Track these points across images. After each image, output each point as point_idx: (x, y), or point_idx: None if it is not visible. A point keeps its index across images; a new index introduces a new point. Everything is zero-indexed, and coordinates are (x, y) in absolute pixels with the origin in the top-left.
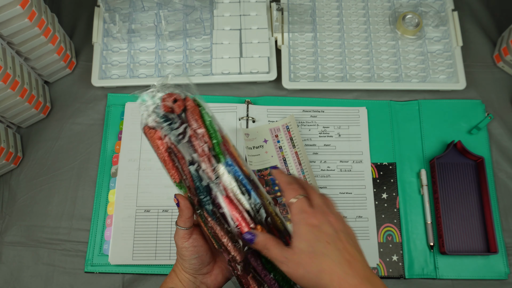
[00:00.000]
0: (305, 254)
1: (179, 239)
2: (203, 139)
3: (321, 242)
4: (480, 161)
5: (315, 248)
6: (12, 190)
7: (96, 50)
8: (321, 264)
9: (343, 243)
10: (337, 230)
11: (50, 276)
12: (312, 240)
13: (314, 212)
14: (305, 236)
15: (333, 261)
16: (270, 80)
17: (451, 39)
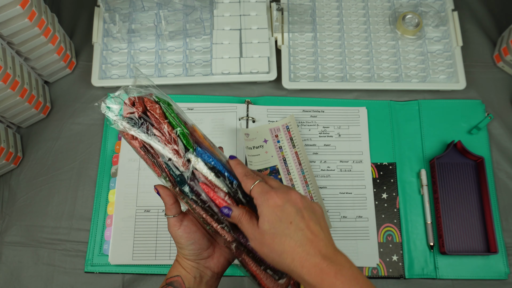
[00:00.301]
0: (268, 235)
1: (171, 228)
2: (168, 133)
3: (283, 222)
4: (480, 161)
5: (277, 229)
6: (12, 190)
7: (96, 50)
8: (283, 245)
9: (306, 221)
10: (300, 208)
11: (50, 276)
12: (274, 221)
13: (275, 192)
14: (268, 217)
15: (295, 241)
16: (270, 80)
17: (451, 39)
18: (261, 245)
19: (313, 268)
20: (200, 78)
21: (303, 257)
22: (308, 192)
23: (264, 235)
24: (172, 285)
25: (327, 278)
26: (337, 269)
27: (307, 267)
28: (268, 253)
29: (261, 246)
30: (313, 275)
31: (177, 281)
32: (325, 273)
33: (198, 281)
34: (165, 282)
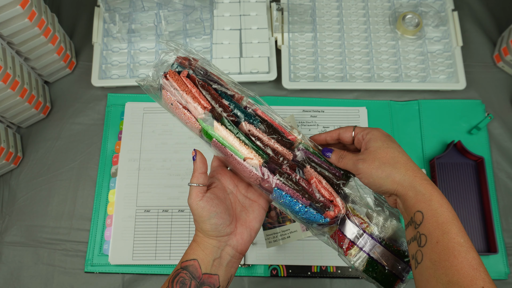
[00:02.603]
0: (381, 150)
1: (193, 199)
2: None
3: (393, 142)
4: (480, 161)
5: (390, 145)
6: (12, 190)
7: (96, 50)
8: (397, 157)
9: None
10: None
11: (50, 276)
12: (386, 139)
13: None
14: (380, 137)
15: (406, 157)
16: (270, 80)
17: (451, 39)
18: (373, 160)
19: (424, 181)
20: None
21: (415, 170)
22: None
23: (377, 150)
24: (187, 270)
25: (437, 193)
26: (440, 193)
27: (419, 178)
28: (380, 164)
29: (373, 160)
30: (424, 185)
31: (193, 265)
32: (435, 188)
33: (217, 264)
34: (179, 265)
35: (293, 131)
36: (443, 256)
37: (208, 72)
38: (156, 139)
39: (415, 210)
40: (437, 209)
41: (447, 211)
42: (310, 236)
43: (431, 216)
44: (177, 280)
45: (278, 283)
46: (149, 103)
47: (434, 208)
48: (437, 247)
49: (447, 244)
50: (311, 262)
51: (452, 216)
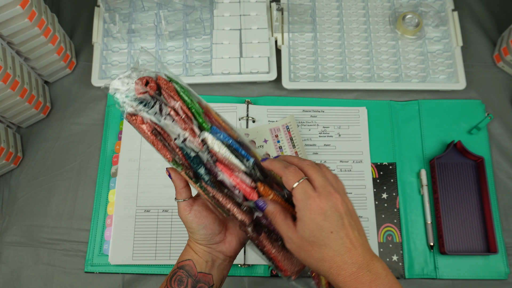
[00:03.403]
0: (307, 242)
1: (182, 213)
2: (183, 112)
3: (324, 232)
4: (480, 161)
5: (317, 238)
6: (12, 190)
7: (96, 50)
8: (322, 253)
9: (346, 229)
10: (341, 215)
11: (50, 276)
12: (315, 230)
13: (318, 196)
14: (309, 225)
15: (334, 250)
16: (270, 80)
17: (451, 39)
18: (298, 249)
19: (348, 277)
20: (200, 78)
21: (340, 266)
22: None
23: (303, 241)
24: (183, 269)
25: (361, 285)
26: (372, 278)
27: (343, 276)
28: (305, 258)
29: (299, 250)
30: (348, 283)
31: (189, 264)
32: (360, 282)
33: (210, 265)
34: (176, 266)
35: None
36: None
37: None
38: None
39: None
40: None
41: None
42: None
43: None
44: (175, 279)
45: (278, 283)
46: None
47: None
48: None
49: None
50: None
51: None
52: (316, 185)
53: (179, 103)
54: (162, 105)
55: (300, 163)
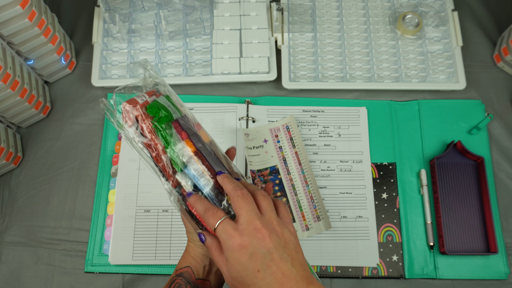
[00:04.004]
0: (237, 282)
1: (193, 241)
2: (158, 150)
3: (250, 271)
4: (480, 161)
5: (244, 279)
6: (12, 190)
7: (96, 50)
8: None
9: (276, 263)
10: (269, 250)
11: (50, 276)
12: (241, 270)
13: (240, 234)
14: (234, 266)
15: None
16: (270, 80)
17: (451, 39)
18: (231, 284)
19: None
20: (200, 78)
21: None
22: (308, 192)
23: (233, 280)
24: (182, 276)
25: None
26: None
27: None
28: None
29: (232, 285)
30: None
31: (187, 271)
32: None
33: (207, 270)
34: (174, 273)
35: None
36: None
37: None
38: None
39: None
40: None
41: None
42: (310, 236)
43: None
44: (174, 286)
45: None
46: None
47: None
48: None
49: None
50: (311, 262)
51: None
52: (240, 222)
53: (156, 141)
54: (139, 139)
55: (233, 191)
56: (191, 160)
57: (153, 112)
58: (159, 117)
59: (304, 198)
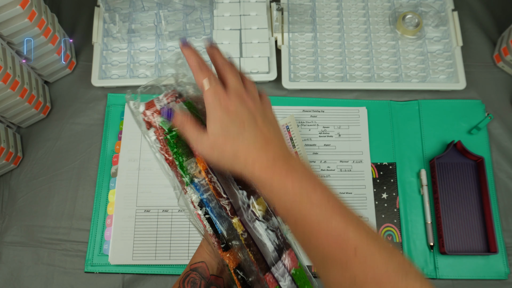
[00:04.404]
0: (219, 137)
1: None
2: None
3: (236, 124)
4: (480, 161)
5: (229, 131)
6: (12, 190)
7: (96, 50)
8: (236, 147)
9: (259, 125)
10: (254, 113)
11: (50, 276)
12: (226, 122)
13: (229, 95)
14: (219, 119)
15: (248, 142)
16: (270, 80)
17: (451, 39)
18: (211, 149)
19: (264, 169)
20: None
21: (256, 157)
22: None
23: (214, 138)
24: (196, 271)
25: (278, 175)
26: (289, 168)
27: (259, 165)
28: (219, 156)
29: (211, 150)
30: (264, 172)
31: (202, 267)
32: (277, 173)
33: (221, 268)
34: (189, 267)
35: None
36: (307, 236)
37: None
38: None
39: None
40: (280, 196)
41: (291, 192)
42: None
43: (278, 204)
44: (188, 281)
45: None
46: None
47: (277, 196)
48: (298, 229)
49: (304, 224)
50: None
51: (299, 195)
52: (229, 86)
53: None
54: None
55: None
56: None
57: (166, 125)
58: (171, 132)
59: None
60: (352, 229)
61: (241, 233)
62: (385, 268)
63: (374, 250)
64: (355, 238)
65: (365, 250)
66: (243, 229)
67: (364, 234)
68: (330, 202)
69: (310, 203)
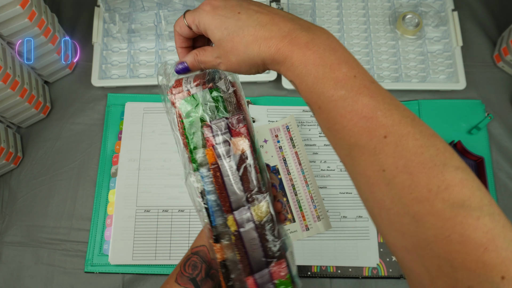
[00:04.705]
0: (226, 41)
1: None
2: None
3: (231, 17)
4: (480, 161)
5: (229, 28)
6: (12, 190)
7: (96, 50)
8: (244, 37)
9: (254, 6)
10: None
11: (50, 276)
12: (221, 22)
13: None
14: (214, 23)
15: (253, 26)
16: (270, 80)
17: (451, 39)
18: (227, 58)
19: (280, 43)
20: None
21: (267, 37)
22: (308, 192)
23: (223, 43)
24: (198, 254)
25: (297, 47)
26: (310, 38)
27: (274, 45)
28: (238, 59)
29: (228, 58)
30: (281, 51)
31: (203, 250)
32: (295, 43)
33: None
34: (190, 251)
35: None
36: (332, 121)
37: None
38: (156, 139)
39: (290, 81)
40: (301, 72)
41: (313, 67)
42: (310, 236)
43: (300, 83)
44: (189, 264)
45: None
46: (149, 103)
47: (298, 72)
48: (322, 114)
49: (328, 106)
50: (311, 262)
51: (321, 69)
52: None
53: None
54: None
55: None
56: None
57: (184, 109)
58: (188, 117)
59: (304, 198)
60: (383, 110)
61: (233, 231)
62: (419, 156)
63: (407, 135)
64: (385, 121)
65: (396, 135)
66: (236, 228)
67: (397, 116)
68: (358, 79)
69: (333, 80)
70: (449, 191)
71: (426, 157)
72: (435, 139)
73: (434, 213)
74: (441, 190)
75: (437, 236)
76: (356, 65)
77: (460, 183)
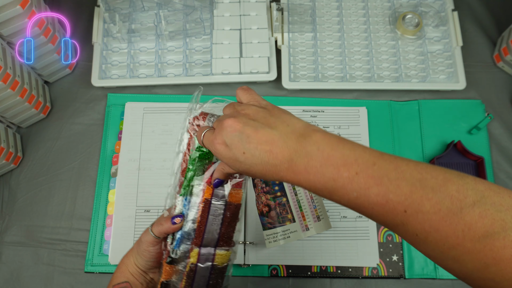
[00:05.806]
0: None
1: (147, 243)
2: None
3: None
4: (480, 161)
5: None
6: (12, 190)
7: (96, 50)
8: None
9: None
10: (240, 131)
11: (50, 276)
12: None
13: (215, 136)
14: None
15: (257, 164)
16: (270, 80)
17: (451, 39)
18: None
19: (286, 173)
20: (200, 78)
21: (273, 171)
22: (308, 192)
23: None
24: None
25: (300, 176)
26: (306, 161)
27: (283, 174)
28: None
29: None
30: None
31: (126, 287)
32: (297, 172)
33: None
34: (111, 287)
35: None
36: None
37: None
38: (156, 139)
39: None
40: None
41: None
42: (310, 236)
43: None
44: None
45: (278, 283)
46: (149, 103)
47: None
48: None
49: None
50: (311, 262)
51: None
52: (214, 127)
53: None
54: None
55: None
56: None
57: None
58: (199, 151)
59: (304, 198)
60: (392, 191)
61: (191, 262)
62: (437, 214)
63: (421, 200)
64: (399, 199)
65: (413, 206)
66: (195, 261)
67: (407, 190)
68: (361, 174)
69: (341, 185)
70: (473, 230)
71: (444, 212)
72: (446, 186)
73: (468, 252)
74: (466, 233)
75: (476, 267)
76: (353, 156)
77: (480, 219)
